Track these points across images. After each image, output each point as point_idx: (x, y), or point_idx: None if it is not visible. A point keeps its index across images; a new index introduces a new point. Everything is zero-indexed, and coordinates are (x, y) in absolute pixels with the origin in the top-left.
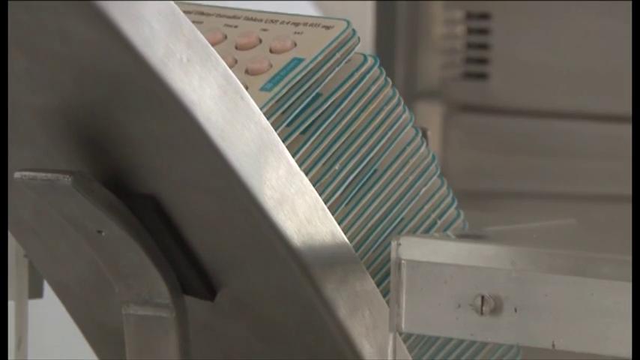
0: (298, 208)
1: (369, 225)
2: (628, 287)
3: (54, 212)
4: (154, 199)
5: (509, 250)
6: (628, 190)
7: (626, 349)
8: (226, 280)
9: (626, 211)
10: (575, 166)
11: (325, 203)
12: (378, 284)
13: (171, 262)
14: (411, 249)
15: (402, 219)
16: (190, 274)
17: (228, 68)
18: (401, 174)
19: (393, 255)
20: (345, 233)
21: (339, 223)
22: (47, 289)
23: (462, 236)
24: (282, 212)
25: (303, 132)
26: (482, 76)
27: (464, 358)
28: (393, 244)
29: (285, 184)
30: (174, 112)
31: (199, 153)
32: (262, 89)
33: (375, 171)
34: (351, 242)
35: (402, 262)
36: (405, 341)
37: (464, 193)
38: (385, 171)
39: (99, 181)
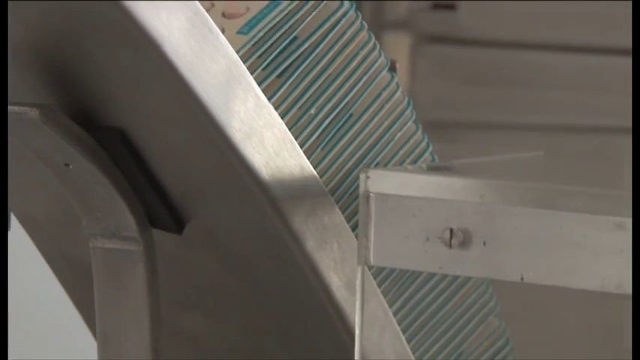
0: (267, 140)
1: (345, 170)
2: (596, 220)
3: (22, 146)
4: (121, 132)
5: (478, 183)
6: (595, 120)
7: (595, 282)
8: (194, 213)
9: (593, 142)
10: (543, 97)
11: (301, 147)
12: (349, 220)
13: (139, 195)
14: (379, 182)
15: (377, 164)
16: (158, 207)
17: (198, 3)
18: (376, 119)
19: (361, 188)
20: (321, 177)
21: (315, 168)
22: (14, 222)
23: (431, 169)
24: (251, 145)
25: (279, 75)
26: (450, 7)
27: (433, 293)
28: (362, 177)
29: (253, 116)
30: (143, 46)
31: (168, 86)
32: (239, 32)
33: (351, 115)
34: (326, 186)
35: (371, 195)
36: (375, 277)
37: (432, 124)
38: (361, 116)
39: (67, 114)
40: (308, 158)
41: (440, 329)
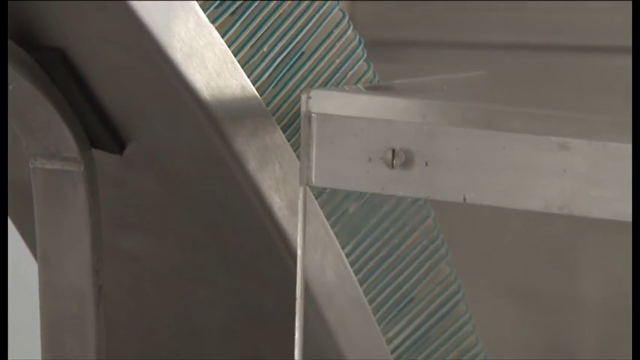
0: (208, 61)
1: (297, 107)
2: (539, 140)
3: None
4: (62, 52)
5: (420, 104)
6: (539, 39)
7: (538, 203)
8: (135, 134)
9: (537, 60)
10: (486, 15)
11: (254, 84)
12: (289, 139)
13: (79, 116)
14: (321, 102)
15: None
16: (99, 128)
17: None
18: (327, 57)
19: (303, 108)
20: (274, 114)
21: (267, 105)
22: None
23: (373, 89)
24: (191, 65)
25: (232, 13)
26: None
27: (377, 216)
28: (303, 97)
29: (194, 36)
30: None
31: (107, 6)
32: None
33: (303, 54)
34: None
35: (312, 115)
36: (317, 197)
37: (372, 43)
38: (312, 54)
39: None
40: (260, 95)
41: (390, 274)
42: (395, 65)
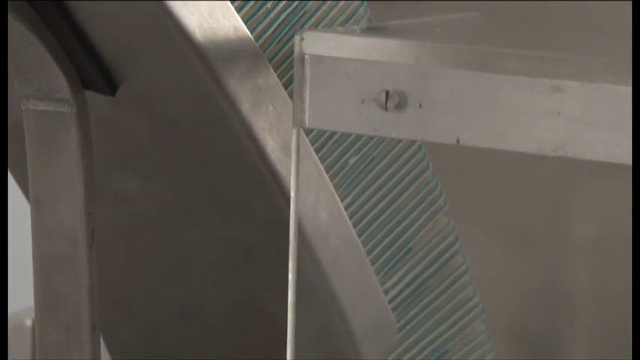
0: (200, 2)
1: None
2: (533, 82)
3: None
4: None
5: (414, 45)
6: None
7: (531, 145)
8: (128, 75)
9: (529, 1)
10: None
11: (257, 40)
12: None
13: (71, 57)
14: (314, 44)
15: None
16: (91, 69)
17: None
18: (331, 15)
19: (296, 50)
20: (276, 70)
21: (270, 61)
22: None
23: (366, 30)
24: (184, 6)
25: None
26: None
27: (376, 169)
28: (297, 38)
29: None
30: None
31: None
32: None
33: (305, 12)
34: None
35: (306, 57)
36: (317, 152)
37: None
38: (315, 11)
39: None
40: (263, 52)
41: (389, 225)
42: (387, 7)
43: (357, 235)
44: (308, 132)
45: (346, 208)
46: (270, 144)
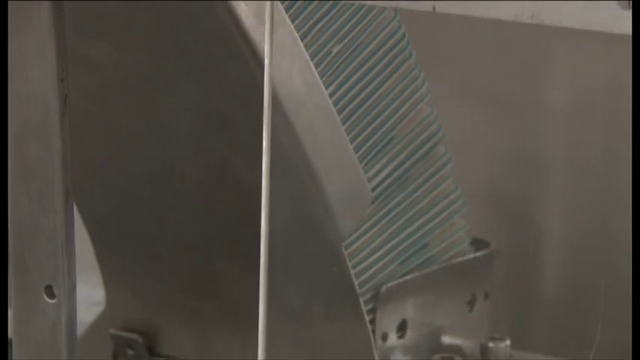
0: None
1: None
2: None
3: None
4: None
5: None
6: None
7: (508, 12)
8: None
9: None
10: None
11: None
12: None
13: None
14: None
15: None
16: None
17: None
18: None
19: None
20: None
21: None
22: None
23: None
24: None
25: None
26: None
27: (353, 47)
28: None
29: None
30: None
31: None
32: None
33: None
34: None
35: None
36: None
37: None
38: None
39: None
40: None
41: (372, 114)
42: None
43: (341, 124)
44: None
45: (330, 95)
46: (244, 10)
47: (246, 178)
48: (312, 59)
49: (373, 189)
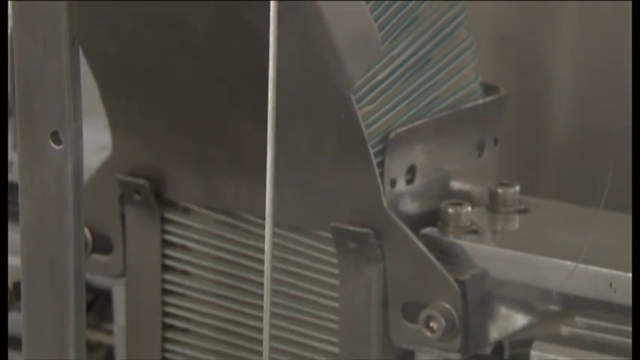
0: None
1: None
2: None
3: None
4: None
5: None
6: None
7: None
8: None
9: None
10: None
11: None
12: None
13: None
14: None
15: None
16: None
17: None
18: None
19: None
20: None
21: None
22: None
23: None
24: None
25: None
26: None
27: None
28: None
29: None
30: None
31: None
32: None
33: None
34: None
35: None
36: None
37: None
38: None
39: None
40: None
41: None
42: None
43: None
44: None
45: None
46: None
47: (254, 21)
48: None
49: (396, 69)
